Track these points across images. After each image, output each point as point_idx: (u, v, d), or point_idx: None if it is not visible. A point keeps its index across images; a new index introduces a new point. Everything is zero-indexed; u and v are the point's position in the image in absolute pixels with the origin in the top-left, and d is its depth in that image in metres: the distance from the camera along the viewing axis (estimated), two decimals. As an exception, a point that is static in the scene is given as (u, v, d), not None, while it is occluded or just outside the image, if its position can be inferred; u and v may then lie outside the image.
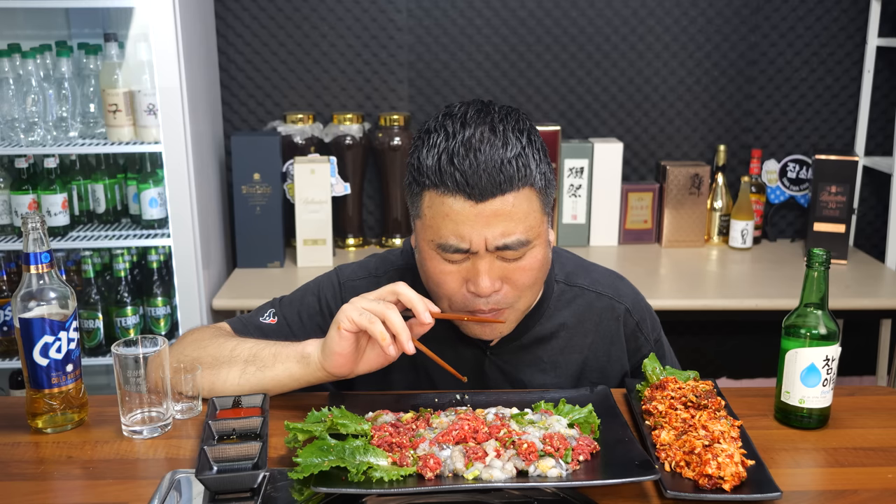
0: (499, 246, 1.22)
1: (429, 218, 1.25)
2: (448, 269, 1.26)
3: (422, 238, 1.28)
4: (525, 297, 1.31)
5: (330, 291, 1.48)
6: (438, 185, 1.22)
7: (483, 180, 1.19)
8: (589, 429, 1.20)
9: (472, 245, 1.22)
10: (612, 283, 1.49)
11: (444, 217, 1.22)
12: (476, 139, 1.20)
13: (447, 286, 1.27)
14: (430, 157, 1.23)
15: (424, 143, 1.25)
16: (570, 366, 1.45)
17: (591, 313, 1.46)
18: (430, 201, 1.24)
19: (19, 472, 1.17)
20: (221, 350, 1.34)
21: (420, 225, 1.28)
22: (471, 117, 1.23)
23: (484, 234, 1.21)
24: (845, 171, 2.85)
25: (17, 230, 2.59)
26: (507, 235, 1.22)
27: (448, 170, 1.20)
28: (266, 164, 2.73)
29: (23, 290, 1.24)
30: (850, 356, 3.13)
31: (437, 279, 1.28)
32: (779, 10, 3.02)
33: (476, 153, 1.20)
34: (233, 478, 1.05)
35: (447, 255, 1.25)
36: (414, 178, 1.27)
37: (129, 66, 2.50)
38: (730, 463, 1.09)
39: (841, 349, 1.28)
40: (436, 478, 1.08)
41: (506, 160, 1.20)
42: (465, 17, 2.97)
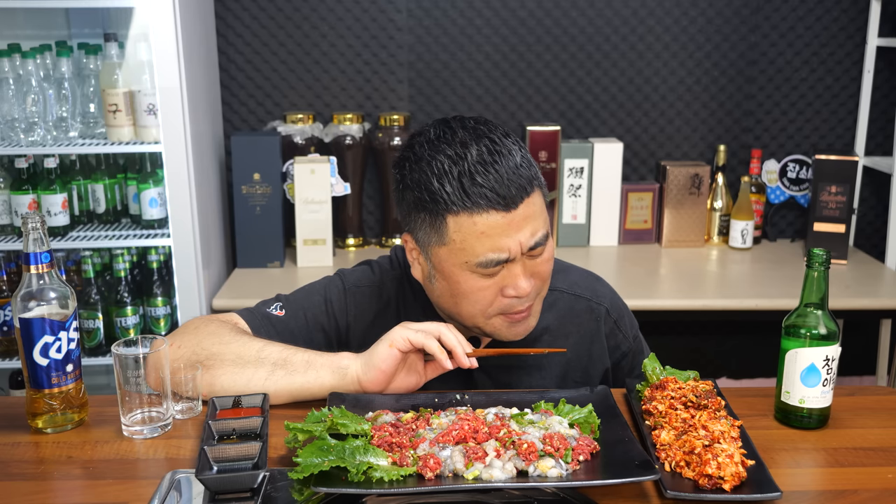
0: (532, 246, 1.27)
1: (459, 242, 1.25)
2: (486, 284, 1.28)
3: (452, 263, 1.28)
4: (544, 288, 1.36)
5: (336, 296, 1.48)
6: (469, 206, 1.22)
7: (511, 189, 1.23)
8: (589, 429, 1.20)
9: (510, 253, 1.25)
10: (589, 285, 1.52)
11: (480, 235, 1.24)
12: (486, 154, 1.23)
13: (486, 300, 1.30)
14: (447, 183, 1.23)
15: (429, 173, 1.25)
16: (553, 367, 1.48)
17: (571, 315, 1.49)
18: (458, 226, 1.24)
19: (19, 472, 1.17)
20: (247, 349, 1.32)
21: (446, 252, 1.27)
22: (461, 135, 1.25)
23: (518, 239, 1.25)
24: (845, 171, 2.85)
25: (17, 230, 2.59)
26: (536, 234, 1.27)
27: (473, 189, 1.22)
28: (266, 164, 2.73)
29: (23, 290, 1.24)
30: (850, 356, 3.13)
31: (475, 297, 1.30)
32: (779, 10, 3.02)
33: (495, 166, 1.22)
34: (233, 478, 1.05)
35: (487, 270, 1.27)
36: (428, 209, 1.26)
37: (129, 66, 2.50)
38: (730, 463, 1.09)
39: (841, 349, 1.28)
40: (436, 478, 1.08)
41: (518, 165, 1.24)
42: (465, 17, 2.97)
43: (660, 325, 2.97)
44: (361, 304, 1.48)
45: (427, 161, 1.25)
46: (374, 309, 1.48)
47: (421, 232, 1.30)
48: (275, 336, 1.41)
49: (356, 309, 1.47)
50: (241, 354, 1.32)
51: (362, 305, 1.48)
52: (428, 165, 1.25)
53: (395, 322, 1.33)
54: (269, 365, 1.31)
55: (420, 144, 1.28)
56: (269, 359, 1.31)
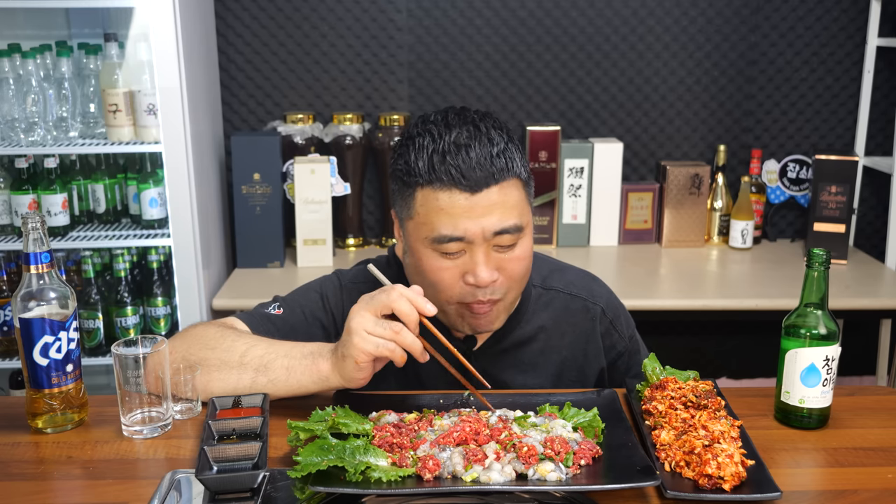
0: (497, 231, 1.27)
1: (422, 215, 1.29)
2: (445, 265, 1.30)
3: (415, 238, 1.32)
4: (514, 289, 1.35)
5: (332, 292, 1.48)
6: (433, 181, 1.27)
7: (476, 173, 1.25)
8: (592, 432, 1.19)
9: (466, 234, 1.26)
10: (585, 285, 1.53)
11: (439, 211, 1.27)
12: (464, 137, 1.27)
13: (444, 282, 1.30)
14: (420, 158, 1.28)
15: (410, 148, 1.30)
16: (549, 366, 1.48)
17: (567, 314, 1.49)
18: (424, 199, 1.28)
19: (19, 472, 1.17)
20: (231, 353, 1.32)
21: (412, 225, 1.31)
22: (452, 119, 1.31)
23: (481, 223, 1.26)
24: (845, 171, 2.85)
25: (17, 230, 2.59)
26: (503, 221, 1.27)
27: (441, 167, 1.26)
28: (266, 164, 2.73)
29: (23, 290, 1.24)
30: (850, 356, 3.13)
31: (435, 277, 1.31)
32: (779, 10, 3.02)
33: (467, 149, 1.26)
34: (233, 478, 1.05)
35: (443, 246, 1.28)
36: (403, 180, 1.31)
37: (129, 66, 2.50)
38: (730, 463, 1.09)
39: (841, 349, 1.28)
40: (434, 479, 1.08)
41: (494, 154, 1.27)
42: (465, 17, 2.97)
43: (660, 325, 2.97)
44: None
45: (413, 138, 1.31)
46: None
47: (397, 205, 1.35)
48: (275, 333, 1.41)
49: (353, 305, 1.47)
50: (224, 360, 1.31)
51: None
52: (412, 141, 1.31)
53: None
54: (252, 371, 1.30)
55: (416, 124, 1.34)
56: (252, 364, 1.30)
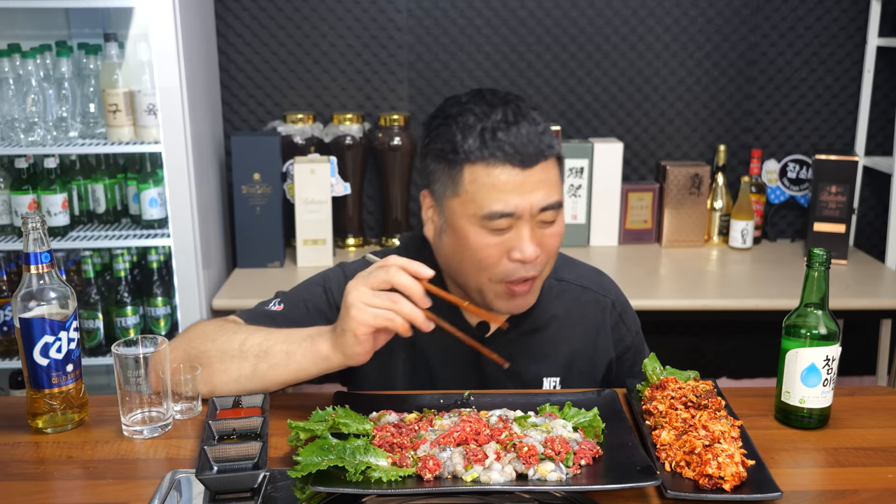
0: (543, 207, 1.30)
1: (471, 192, 1.30)
2: (491, 242, 1.31)
3: (460, 216, 1.32)
4: (549, 265, 1.38)
5: (336, 284, 1.48)
6: (486, 157, 1.28)
7: (528, 149, 1.28)
8: (593, 432, 1.19)
9: (517, 210, 1.29)
10: (595, 279, 1.57)
11: (491, 188, 1.28)
12: (511, 115, 1.30)
13: (490, 259, 1.32)
14: (469, 135, 1.29)
15: (453, 127, 1.31)
16: (560, 356, 1.49)
17: (577, 306, 1.52)
18: (473, 175, 1.30)
19: (19, 472, 1.17)
20: (230, 343, 1.31)
21: (457, 203, 1.32)
22: (490, 99, 1.33)
23: (529, 199, 1.29)
24: (845, 171, 2.85)
25: (17, 230, 2.59)
26: (549, 197, 1.30)
27: (493, 143, 1.28)
28: (266, 164, 2.73)
29: (23, 290, 1.24)
30: (850, 356, 3.13)
31: (481, 254, 1.32)
32: (779, 10, 3.02)
33: (517, 126, 1.29)
34: (233, 478, 1.05)
35: (493, 223, 1.29)
36: (447, 159, 1.32)
37: (129, 66, 2.50)
38: (730, 463, 1.09)
39: (841, 349, 1.28)
40: (434, 479, 1.08)
41: (539, 132, 1.31)
42: (465, 17, 2.97)
43: (660, 325, 2.97)
44: None
45: (454, 118, 1.32)
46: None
47: (438, 184, 1.35)
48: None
49: None
50: (224, 350, 1.31)
51: None
52: (454, 121, 1.32)
53: None
54: (252, 358, 1.29)
55: (451, 105, 1.35)
56: (251, 351, 1.30)
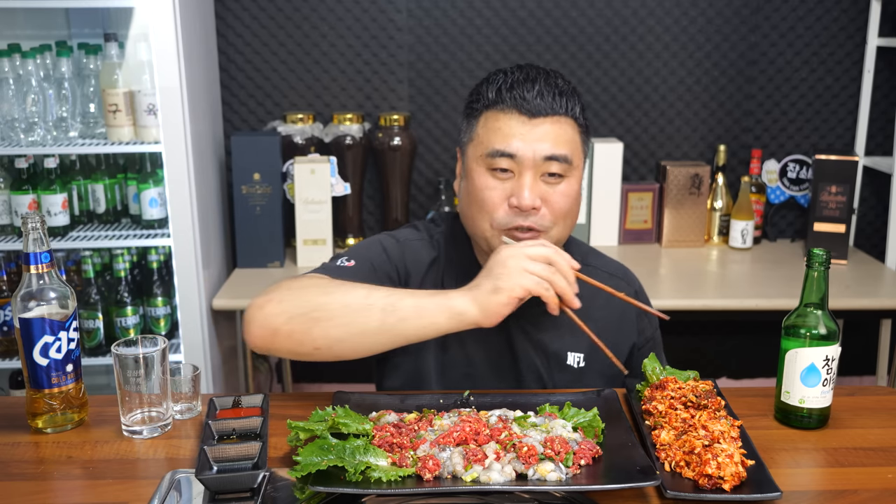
0: (547, 155, 1.35)
1: (481, 136, 1.40)
2: (493, 185, 1.37)
3: (471, 158, 1.41)
4: (558, 225, 1.40)
5: (391, 246, 1.50)
6: (497, 103, 1.38)
7: (537, 101, 1.36)
8: (593, 432, 1.19)
9: (518, 152, 1.35)
10: (621, 268, 1.64)
11: (497, 130, 1.37)
12: (533, 75, 1.39)
13: (490, 202, 1.37)
14: (491, 87, 1.40)
15: (484, 82, 1.42)
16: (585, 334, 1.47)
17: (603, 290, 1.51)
18: (485, 121, 1.40)
19: (19, 472, 1.17)
20: (352, 297, 1.28)
21: (471, 147, 1.42)
22: (528, 66, 1.43)
23: (533, 146, 1.35)
24: (845, 171, 2.85)
25: (17, 230, 2.59)
26: (555, 148, 1.36)
27: (507, 93, 1.37)
28: (266, 164, 2.73)
29: (23, 290, 1.24)
30: (850, 356, 3.13)
31: (482, 195, 1.38)
32: (779, 10, 3.02)
33: (533, 82, 1.38)
34: (233, 478, 1.05)
35: (494, 161, 1.36)
36: (472, 107, 1.43)
37: (129, 66, 2.50)
38: (730, 463, 1.09)
39: (841, 349, 1.28)
40: (434, 479, 1.08)
41: (557, 93, 1.37)
42: (465, 17, 2.97)
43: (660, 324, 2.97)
44: (416, 255, 1.50)
45: (489, 75, 1.43)
46: (427, 260, 1.50)
47: (464, 135, 1.45)
48: None
49: (412, 258, 1.50)
50: (347, 303, 1.27)
51: (417, 256, 1.50)
52: (486, 79, 1.43)
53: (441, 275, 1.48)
54: (378, 312, 1.26)
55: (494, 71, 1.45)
56: (377, 305, 1.26)
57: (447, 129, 3.06)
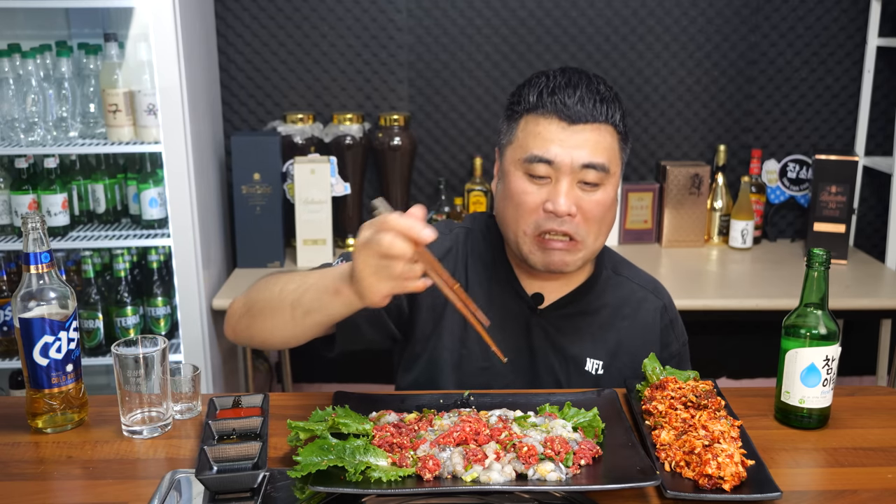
0: (584, 163, 1.35)
1: (521, 139, 1.40)
2: (530, 189, 1.38)
3: (509, 161, 1.42)
4: (592, 233, 1.41)
5: None
6: (538, 108, 1.38)
7: (578, 107, 1.36)
8: (593, 432, 1.19)
9: (555, 159, 1.35)
10: (651, 281, 1.61)
11: (536, 135, 1.37)
12: (576, 80, 1.39)
13: (526, 205, 1.38)
14: (533, 90, 1.40)
15: (526, 85, 1.42)
16: (607, 342, 1.51)
17: (631, 301, 1.55)
18: (525, 124, 1.40)
19: (19, 472, 1.17)
20: (272, 292, 1.30)
21: (510, 150, 1.42)
22: (570, 70, 1.42)
23: (571, 153, 1.35)
24: (845, 171, 2.85)
25: (17, 230, 2.59)
26: (593, 156, 1.36)
27: (548, 98, 1.37)
28: (266, 164, 2.73)
29: (23, 290, 1.24)
30: (850, 356, 3.13)
31: (519, 199, 1.39)
32: (779, 10, 3.02)
33: (574, 88, 1.37)
34: (233, 478, 1.05)
35: (532, 167, 1.37)
36: (512, 110, 1.43)
37: (129, 66, 2.50)
38: (730, 463, 1.09)
39: (841, 349, 1.28)
40: (434, 479, 1.08)
41: (598, 100, 1.37)
42: (465, 17, 2.97)
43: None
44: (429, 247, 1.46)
45: (531, 78, 1.43)
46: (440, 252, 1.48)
47: (503, 137, 1.45)
48: None
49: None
50: (269, 299, 1.30)
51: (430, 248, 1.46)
52: (528, 80, 1.43)
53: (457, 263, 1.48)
54: (289, 307, 1.26)
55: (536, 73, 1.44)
56: (287, 300, 1.27)
57: (447, 129, 3.06)
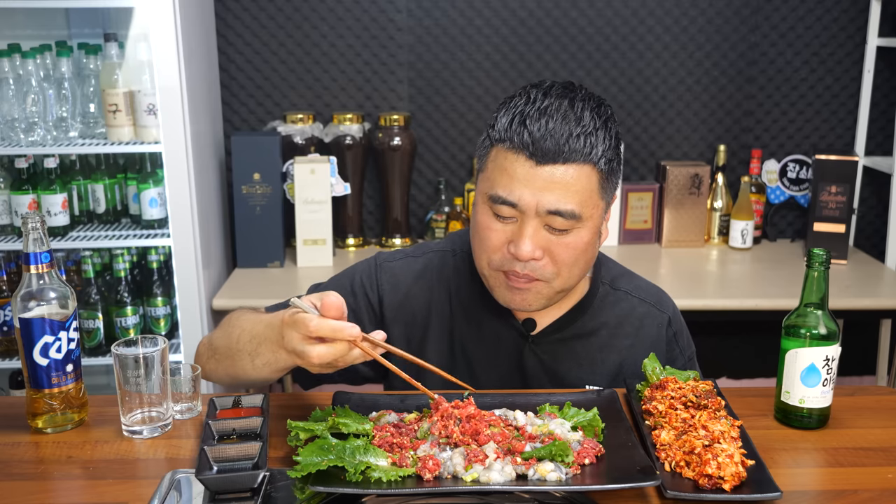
0: (550, 210, 1.25)
1: (490, 171, 1.31)
2: (495, 226, 1.30)
3: (479, 191, 1.34)
4: (562, 276, 1.32)
5: (365, 272, 1.49)
6: (506, 140, 1.27)
7: (546, 144, 1.24)
8: (592, 432, 1.19)
9: (519, 202, 1.26)
10: (655, 293, 1.53)
11: (503, 171, 1.27)
12: (553, 108, 1.26)
13: (489, 242, 1.31)
14: (507, 116, 1.28)
15: (505, 105, 1.30)
16: (607, 365, 1.46)
17: (632, 317, 1.48)
18: (496, 155, 1.30)
19: (19, 472, 1.17)
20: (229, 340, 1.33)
21: (481, 178, 1.33)
22: (555, 90, 1.29)
23: (537, 196, 1.25)
24: (845, 171, 2.85)
25: (17, 230, 2.59)
26: (560, 202, 1.25)
27: (518, 129, 1.25)
28: (266, 164, 2.73)
29: (23, 290, 1.24)
30: (850, 356, 3.13)
31: (483, 234, 1.32)
32: (779, 10, 3.02)
33: (549, 120, 1.24)
34: (233, 478, 1.05)
35: (497, 207, 1.28)
36: (487, 134, 1.32)
37: (129, 66, 2.50)
38: (730, 463, 1.09)
39: (841, 349, 1.28)
40: (434, 479, 1.08)
41: (574, 134, 1.24)
42: (465, 17, 2.97)
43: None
44: (395, 276, 1.48)
45: (513, 97, 1.31)
46: (409, 278, 1.48)
47: (478, 159, 1.36)
48: None
49: (389, 281, 1.47)
50: (228, 346, 1.33)
51: (396, 277, 1.48)
52: (510, 99, 1.31)
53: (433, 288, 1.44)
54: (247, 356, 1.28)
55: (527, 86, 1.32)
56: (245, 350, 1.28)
57: (447, 129, 3.06)
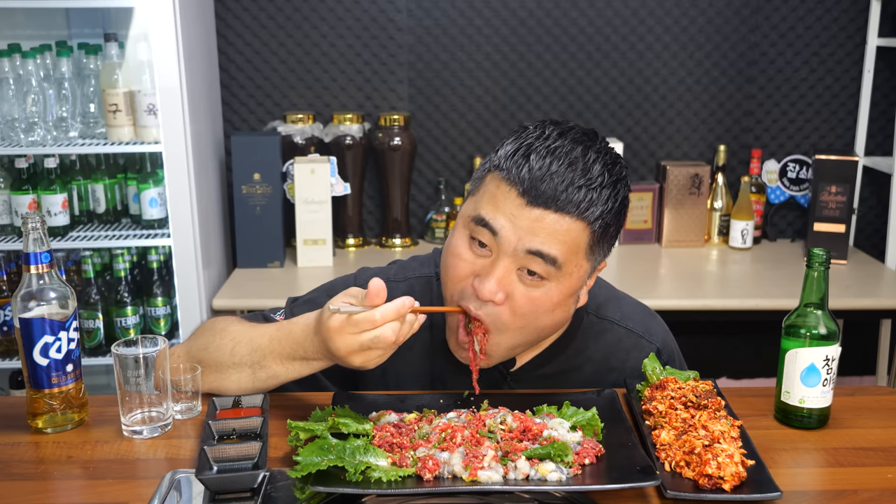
0: (531, 250, 1.17)
1: (479, 194, 1.23)
2: (466, 256, 1.22)
3: (462, 213, 1.26)
4: (511, 331, 1.24)
5: (343, 280, 1.45)
6: (503, 169, 1.20)
7: (541, 186, 1.16)
8: (592, 432, 1.19)
9: (501, 231, 1.18)
10: (643, 321, 1.45)
11: (493, 198, 1.20)
12: (562, 150, 1.18)
13: (456, 270, 1.23)
14: (514, 144, 1.21)
15: (517, 133, 1.23)
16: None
17: (618, 351, 1.42)
18: (490, 181, 1.22)
19: (19, 472, 1.17)
20: (221, 353, 1.30)
21: (469, 201, 1.26)
22: (573, 133, 1.21)
23: (518, 232, 1.18)
24: (845, 171, 2.85)
25: (17, 230, 2.59)
26: (545, 245, 1.17)
27: (519, 160, 1.18)
28: (266, 164, 2.73)
29: (23, 290, 1.24)
30: (850, 356, 3.13)
31: (452, 261, 1.24)
32: (779, 10, 3.02)
33: (554, 161, 1.17)
34: (233, 478, 1.05)
35: (476, 229, 1.20)
36: (489, 157, 1.25)
37: (129, 66, 2.50)
38: (730, 463, 1.09)
39: (841, 349, 1.28)
40: (434, 479, 1.08)
41: (575, 184, 1.17)
42: (465, 17, 2.97)
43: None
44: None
45: (526, 128, 1.24)
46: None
47: (472, 183, 1.28)
48: None
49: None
50: (221, 360, 1.30)
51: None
52: (525, 129, 1.23)
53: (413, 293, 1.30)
54: (248, 369, 1.28)
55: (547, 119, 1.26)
56: (246, 362, 1.28)
57: (447, 129, 3.06)
